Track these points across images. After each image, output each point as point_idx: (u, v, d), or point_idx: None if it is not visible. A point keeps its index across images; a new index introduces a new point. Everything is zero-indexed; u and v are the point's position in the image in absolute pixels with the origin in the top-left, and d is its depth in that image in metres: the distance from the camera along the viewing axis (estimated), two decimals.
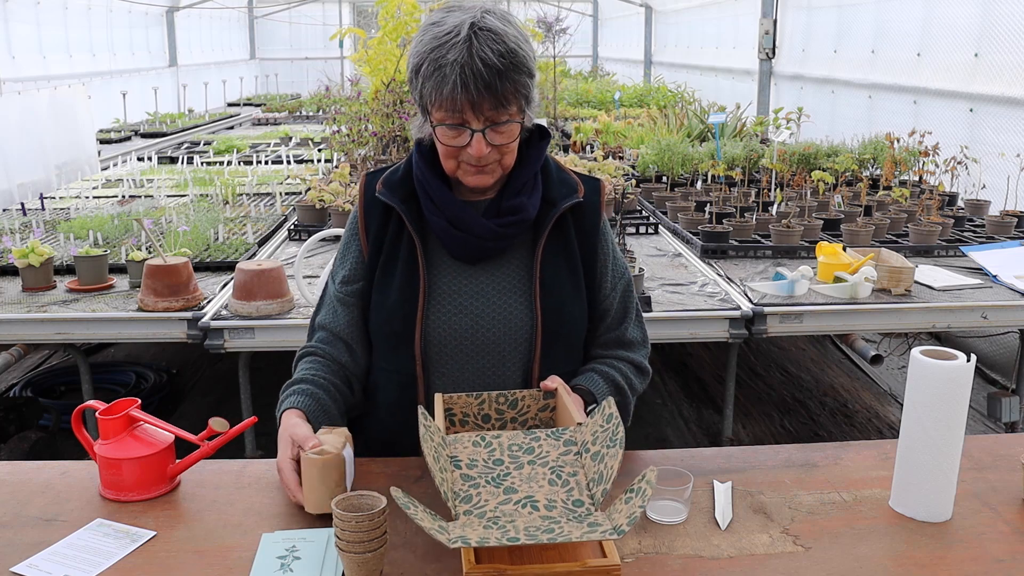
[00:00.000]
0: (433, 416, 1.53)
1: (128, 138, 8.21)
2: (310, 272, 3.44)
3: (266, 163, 6.42)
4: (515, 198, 1.65)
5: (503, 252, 1.68)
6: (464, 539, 1.20)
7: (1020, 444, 1.78)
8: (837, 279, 3.17)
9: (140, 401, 1.62)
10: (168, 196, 5.02)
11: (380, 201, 1.69)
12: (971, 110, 5.49)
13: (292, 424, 1.57)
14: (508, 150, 1.60)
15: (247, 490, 1.59)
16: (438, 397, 1.60)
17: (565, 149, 6.64)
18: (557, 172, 1.73)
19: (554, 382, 1.61)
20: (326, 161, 6.28)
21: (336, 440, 1.51)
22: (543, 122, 1.79)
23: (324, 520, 1.44)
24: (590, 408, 1.65)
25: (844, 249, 3.40)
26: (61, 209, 4.72)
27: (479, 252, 1.67)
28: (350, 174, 4.71)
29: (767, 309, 3.06)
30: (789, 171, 4.92)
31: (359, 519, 1.25)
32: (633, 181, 5.11)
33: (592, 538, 1.21)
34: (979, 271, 3.50)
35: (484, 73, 1.49)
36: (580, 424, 1.48)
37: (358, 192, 1.75)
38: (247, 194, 5.13)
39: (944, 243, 3.84)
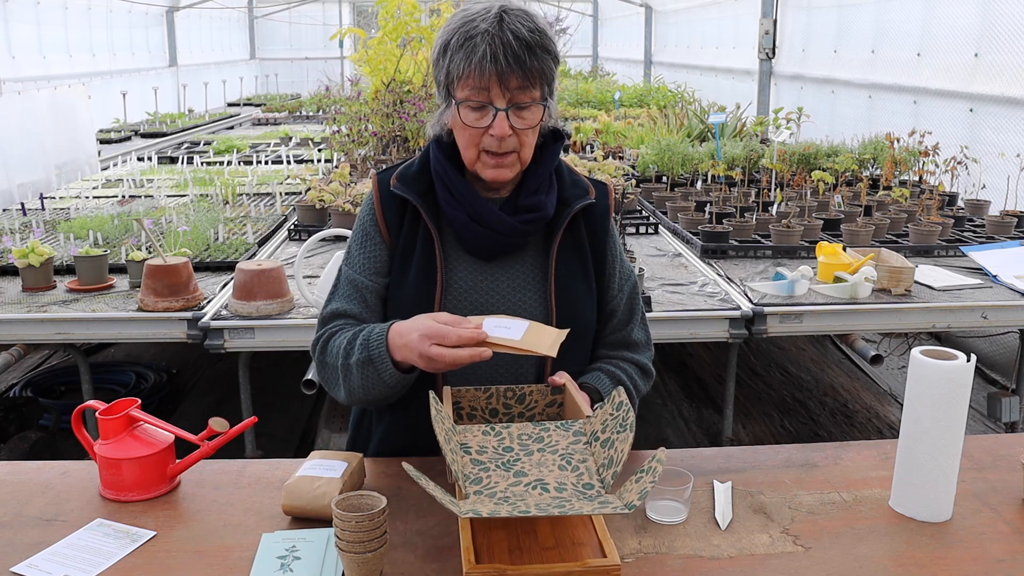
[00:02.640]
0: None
1: (128, 138, 8.21)
2: (310, 272, 3.44)
3: (266, 163, 6.42)
4: (533, 196, 1.67)
5: (518, 250, 1.70)
6: (475, 511, 1.20)
7: (1020, 444, 1.78)
8: (837, 279, 3.17)
9: (140, 401, 1.62)
10: (168, 196, 5.02)
11: (395, 197, 1.69)
12: (971, 110, 5.49)
13: (417, 320, 1.51)
14: (527, 141, 1.61)
15: (247, 490, 1.59)
16: (446, 390, 1.61)
17: (565, 149, 6.64)
18: (569, 174, 1.76)
19: (562, 378, 1.62)
20: (326, 161, 6.27)
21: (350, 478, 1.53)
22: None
23: (324, 520, 1.44)
24: (596, 406, 1.66)
25: (844, 249, 3.40)
26: (61, 209, 4.72)
27: (496, 248, 1.68)
28: (350, 174, 4.71)
29: (767, 309, 3.06)
30: (789, 171, 4.92)
31: (359, 519, 1.25)
32: (633, 181, 5.11)
33: (604, 512, 1.21)
34: (979, 271, 3.50)
35: (514, 45, 1.53)
36: (589, 416, 1.49)
37: (373, 189, 1.73)
38: (247, 194, 5.13)
39: (944, 243, 3.84)
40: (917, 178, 4.92)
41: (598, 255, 1.76)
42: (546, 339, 1.49)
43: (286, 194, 5.11)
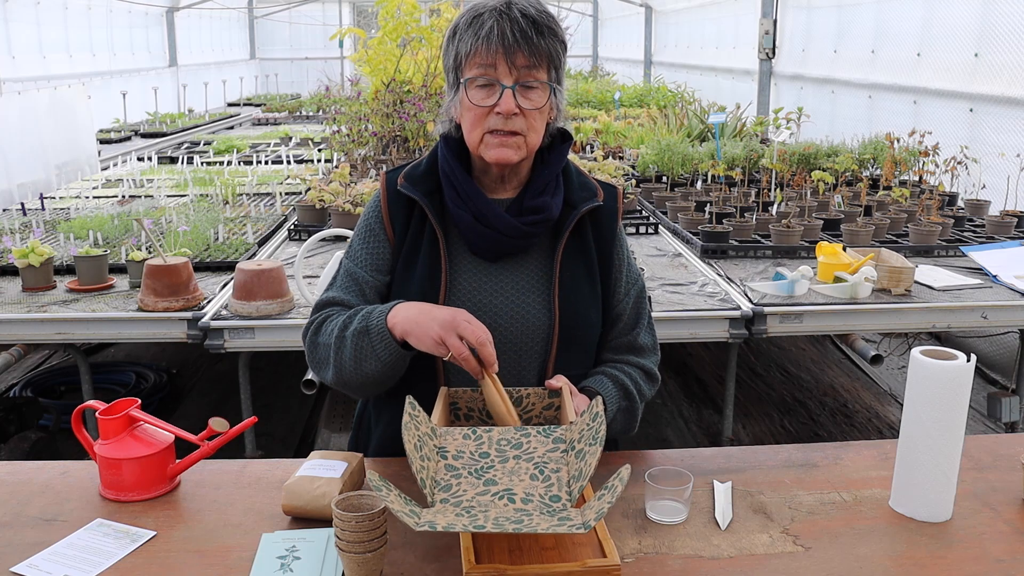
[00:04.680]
0: (431, 410, 1.54)
1: (128, 138, 8.21)
2: (310, 272, 3.44)
3: (266, 163, 6.42)
4: (538, 197, 1.66)
5: (523, 251, 1.69)
6: (432, 524, 1.20)
7: (1020, 444, 1.78)
8: (837, 279, 3.17)
9: (140, 401, 1.62)
10: (168, 196, 5.02)
11: (402, 196, 1.69)
12: (971, 110, 5.49)
13: (433, 308, 1.55)
14: (535, 125, 1.61)
15: (247, 490, 1.59)
16: (442, 390, 1.61)
17: None
18: (577, 176, 1.75)
19: (559, 381, 1.62)
20: (326, 161, 6.28)
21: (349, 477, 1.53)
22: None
23: (324, 520, 1.44)
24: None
25: (844, 249, 3.40)
26: (61, 209, 4.72)
27: (500, 249, 1.67)
28: (350, 174, 4.71)
29: (767, 309, 3.06)
30: (789, 171, 4.92)
31: (359, 519, 1.25)
32: (633, 181, 5.11)
33: (559, 531, 1.21)
34: (979, 271, 3.50)
35: (521, 22, 1.56)
36: (572, 422, 1.48)
37: (381, 188, 1.73)
38: (247, 194, 5.13)
39: (944, 243, 3.84)
40: (917, 178, 4.92)
41: (604, 258, 1.75)
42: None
43: (286, 194, 5.11)
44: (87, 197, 5.07)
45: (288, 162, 6.42)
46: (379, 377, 1.60)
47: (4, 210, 4.90)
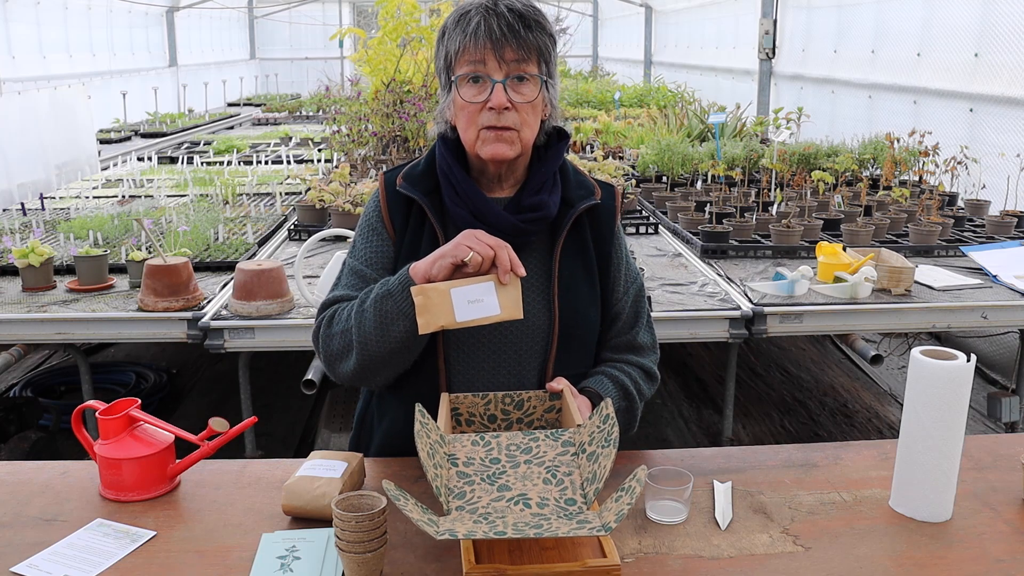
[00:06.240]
0: (437, 416, 1.54)
1: (128, 138, 8.21)
2: (310, 272, 3.44)
3: (266, 163, 6.42)
4: (536, 195, 1.67)
5: (522, 249, 1.69)
6: (452, 532, 1.20)
7: (1020, 444, 1.78)
8: (837, 279, 3.17)
9: (140, 401, 1.62)
10: (168, 196, 5.02)
11: (401, 196, 1.70)
12: (971, 110, 5.49)
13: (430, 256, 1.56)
14: (528, 120, 1.62)
15: (247, 490, 1.59)
16: (444, 397, 1.60)
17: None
18: (575, 175, 1.76)
19: (560, 383, 1.62)
20: (326, 161, 6.28)
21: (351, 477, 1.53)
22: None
23: (324, 520, 1.44)
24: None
25: (844, 249, 3.40)
26: (61, 209, 4.72)
27: None
28: (350, 174, 4.71)
29: (767, 309, 3.06)
30: (789, 171, 4.92)
31: (359, 519, 1.25)
32: (633, 181, 5.11)
33: (579, 534, 1.21)
34: (979, 271, 3.50)
35: (508, 16, 1.57)
36: (580, 425, 1.48)
37: (379, 188, 1.74)
38: (247, 194, 5.13)
39: (944, 243, 3.84)
40: (917, 178, 4.92)
41: (603, 257, 1.75)
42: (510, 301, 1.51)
43: (286, 194, 5.11)
44: (87, 197, 5.07)
45: (288, 162, 6.42)
46: (406, 340, 1.57)
47: (4, 210, 4.90)
